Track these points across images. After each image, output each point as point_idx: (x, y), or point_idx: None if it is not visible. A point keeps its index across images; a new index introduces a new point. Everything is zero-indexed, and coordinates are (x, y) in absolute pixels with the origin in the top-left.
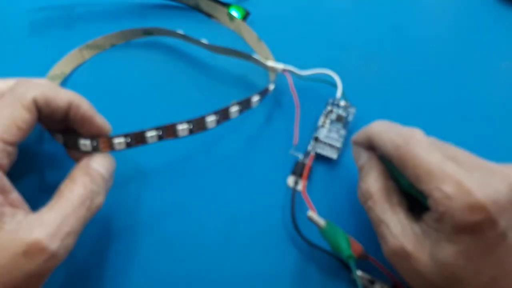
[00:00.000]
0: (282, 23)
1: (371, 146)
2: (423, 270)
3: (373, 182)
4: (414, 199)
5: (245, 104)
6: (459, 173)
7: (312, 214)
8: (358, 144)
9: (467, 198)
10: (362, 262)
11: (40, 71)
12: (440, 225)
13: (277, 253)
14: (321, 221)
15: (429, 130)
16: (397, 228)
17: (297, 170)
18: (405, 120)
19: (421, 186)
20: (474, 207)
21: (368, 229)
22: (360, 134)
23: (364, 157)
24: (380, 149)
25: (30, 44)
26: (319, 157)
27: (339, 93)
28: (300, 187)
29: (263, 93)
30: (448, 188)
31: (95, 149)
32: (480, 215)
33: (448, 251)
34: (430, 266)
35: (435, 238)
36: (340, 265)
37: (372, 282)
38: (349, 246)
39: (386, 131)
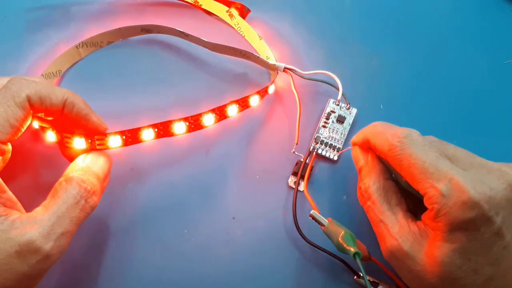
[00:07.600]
0: (283, 21)
1: (369, 147)
2: (420, 270)
3: (371, 183)
4: (418, 199)
5: (243, 103)
6: (453, 171)
7: (315, 213)
8: (357, 145)
9: (461, 195)
10: (366, 263)
11: (36, 69)
12: (435, 224)
13: (278, 255)
14: (325, 220)
15: (431, 131)
16: (395, 228)
17: (298, 171)
18: (407, 121)
19: (416, 185)
20: (468, 204)
21: (370, 231)
22: (358, 136)
23: (363, 159)
24: (376, 149)
25: (26, 42)
26: (320, 158)
27: (340, 94)
28: (301, 187)
29: (262, 92)
30: (442, 185)
31: (90, 148)
32: (473, 212)
33: (444, 250)
34: (427, 265)
35: (432, 237)
36: (342, 266)
37: (376, 284)
38: (355, 243)
39: (382, 131)
